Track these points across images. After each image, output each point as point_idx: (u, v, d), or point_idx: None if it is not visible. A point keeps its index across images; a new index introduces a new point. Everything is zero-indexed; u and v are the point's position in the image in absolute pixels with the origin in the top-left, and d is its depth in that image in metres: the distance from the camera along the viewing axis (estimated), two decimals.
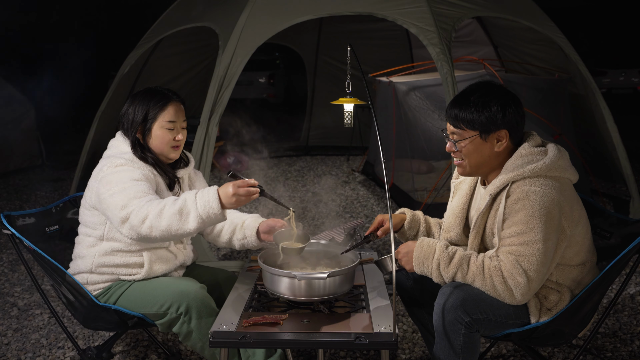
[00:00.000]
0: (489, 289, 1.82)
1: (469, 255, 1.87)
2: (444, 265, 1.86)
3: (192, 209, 1.89)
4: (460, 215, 2.11)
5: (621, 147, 4.59)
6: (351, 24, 7.58)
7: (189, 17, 5.04)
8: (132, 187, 1.98)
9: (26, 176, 7.13)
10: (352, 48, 2.11)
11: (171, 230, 1.90)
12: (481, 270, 1.83)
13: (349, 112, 2.33)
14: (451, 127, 1.95)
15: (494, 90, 1.90)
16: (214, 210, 1.88)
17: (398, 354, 2.73)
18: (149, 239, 1.94)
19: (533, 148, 1.88)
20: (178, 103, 2.21)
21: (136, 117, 2.16)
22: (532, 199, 1.78)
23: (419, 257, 1.90)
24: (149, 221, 1.90)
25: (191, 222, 1.89)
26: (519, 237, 1.80)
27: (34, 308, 3.36)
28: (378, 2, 4.13)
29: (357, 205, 5.59)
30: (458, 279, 1.86)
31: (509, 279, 1.80)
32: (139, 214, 1.91)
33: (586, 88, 4.85)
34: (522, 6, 4.90)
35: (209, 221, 1.91)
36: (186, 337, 2.08)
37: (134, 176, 2.03)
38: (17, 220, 2.25)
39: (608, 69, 14.95)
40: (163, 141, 2.17)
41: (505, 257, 1.82)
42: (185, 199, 1.91)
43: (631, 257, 1.88)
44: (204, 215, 1.89)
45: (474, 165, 1.94)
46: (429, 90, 5.00)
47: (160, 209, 1.89)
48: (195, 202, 1.89)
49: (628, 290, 3.46)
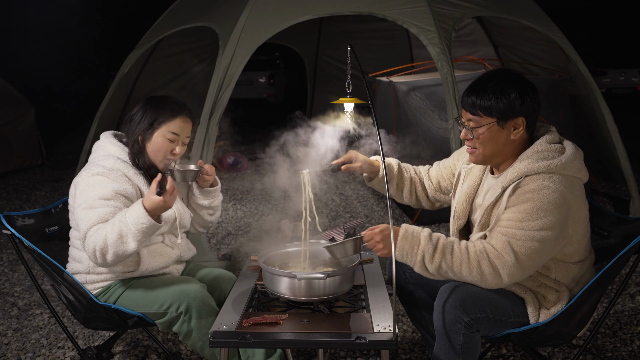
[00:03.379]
0: (476, 274, 1.79)
1: (452, 243, 1.83)
2: (429, 256, 1.81)
3: (127, 231, 1.92)
4: (469, 202, 2.08)
5: (621, 147, 4.59)
6: (351, 24, 7.59)
7: (189, 17, 5.04)
8: (98, 209, 2.00)
9: (26, 176, 7.13)
10: (352, 48, 2.11)
11: (119, 255, 1.96)
12: (466, 255, 1.80)
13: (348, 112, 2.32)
14: (468, 114, 1.91)
15: (512, 78, 1.87)
16: (145, 223, 1.92)
17: (398, 354, 2.73)
18: (105, 265, 2.01)
19: (550, 144, 1.86)
20: (187, 118, 2.20)
21: (144, 120, 2.15)
22: (543, 193, 1.76)
23: (403, 248, 1.84)
24: (99, 252, 1.95)
25: (131, 243, 1.94)
26: (518, 223, 1.78)
27: (34, 308, 3.36)
28: (378, 2, 4.13)
29: (357, 205, 5.59)
30: (444, 268, 1.81)
31: (495, 259, 1.77)
32: (90, 246, 1.96)
33: (586, 88, 4.85)
34: (522, 6, 4.90)
35: (146, 234, 1.95)
36: (186, 336, 2.08)
37: (105, 194, 2.03)
38: (16, 221, 2.25)
39: (608, 69, 14.97)
40: (160, 150, 2.16)
41: (495, 237, 1.80)
42: (119, 224, 1.93)
43: (630, 256, 1.88)
44: (136, 232, 1.92)
45: (488, 154, 1.92)
46: (429, 90, 5.00)
47: (104, 240, 1.93)
48: (127, 223, 1.92)
49: (628, 290, 3.46)
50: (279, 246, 2.18)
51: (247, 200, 5.84)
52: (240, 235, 4.70)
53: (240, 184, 6.57)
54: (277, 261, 2.13)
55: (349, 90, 2.26)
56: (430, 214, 4.85)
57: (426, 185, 2.32)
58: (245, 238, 4.61)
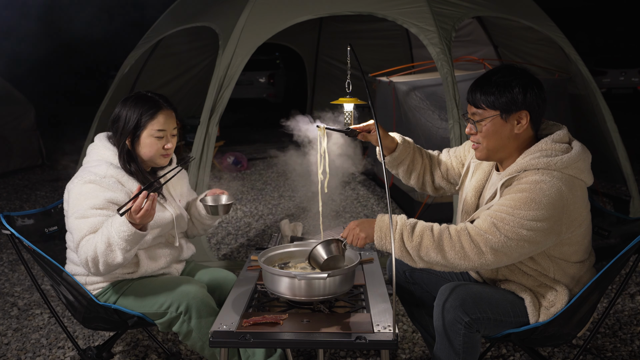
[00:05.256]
0: (458, 251, 1.75)
1: (431, 224, 1.82)
2: (407, 234, 1.78)
3: (113, 241, 1.92)
4: (478, 197, 2.06)
5: (621, 147, 4.59)
6: (351, 24, 7.59)
7: (189, 17, 5.05)
8: (90, 219, 2.00)
9: (26, 176, 7.14)
10: (352, 48, 2.11)
11: (110, 265, 1.96)
12: (447, 233, 1.77)
13: (349, 112, 2.32)
14: (472, 108, 1.92)
15: (516, 72, 1.88)
16: (127, 231, 1.90)
17: (398, 354, 2.73)
18: (98, 275, 2.02)
19: (555, 144, 1.85)
20: (169, 110, 2.17)
21: (128, 124, 2.12)
22: (540, 186, 1.75)
23: (381, 230, 1.81)
24: (91, 262, 1.96)
25: (118, 253, 1.94)
26: (508, 209, 1.75)
27: (34, 308, 3.36)
28: (378, 2, 4.13)
29: (357, 205, 5.59)
30: (424, 247, 1.76)
31: (476, 236, 1.75)
32: (81, 256, 1.97)
33: (586, 88, 4.85)
34: (522, 6, 4.90)
35: (131, 242, 1.93)
36: (186, 336, 2.08)
37: (97, 203, 2.02)
38: (16, 221, 2.25)
39: (608, 69, 14.97)
40: (152, 149, 2.14)
41: (482, 219, 1.78)
42: (107, 234, 1.92)
43: (630, 256, 1.88)
44: (120, 241, 1.91)
45: (492, 148, 1.91)
46: (429, 90, 5.00)
47: (94, 250, 1.94)
48: (112, 234, 1.91)
49: (628, 290, 3.46)
50: (279, 246, 2.18)
51: (247, 200, 5.84)
52: (240, 235, 4.70)
53: (240, 184, 6.57)
54: (277, 261, 2.13)
55: (349, 90, 2.26)
56: (430, 214, 4.85)
57: (434, 172, 2.31)
58: (245, 238, 4.61)
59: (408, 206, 5.13)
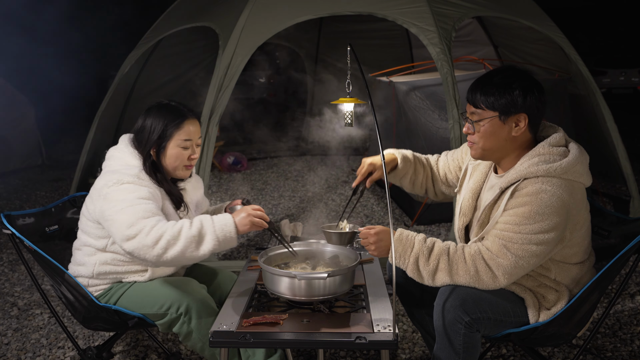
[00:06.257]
0: (473, 275, 1.80)
1: (447, 245, 1.85)
2: (424, 259, 1.83)
3: (208, 231, 1.89)
4: (475, 198, 2.07)
5: (621, 147, 4.59)
6: (351, 24, 7.58)
7: (189, 17, 5.04)
8: (140, 206, 1.94)
9: (26, 176, 7.13)
10: (352, 48, 2.11)
11: (185, 253, 1.88)
12: (462, 257, 1.81)
13: (349, 112, 2.32)
14: (471, 107, 1.92)
15: (518, 74, 1.88)
16: (231, 233, 1.90)
17: (398, 354, 2.73)
18: (158, 261, 1.89)
19: (552, 147, 1.85)
20: (194, 119, 2.16)
21: (153, 134, 2.10)
22: (541, 197, 1.76)
23: (396, 250, 1.85)
24: (164, 242, 1.87)
25: (207, 244, 1.89)
26: (514, 226, 1.78)
27: (34, 308, 3.36)
28: (378, 2, 4.13)
29: (357, 205, 5.58)
30: (440, 271, 1.82)
31: (490, 260, 1.79)
32: (150, 234, 1.88)
33: (586, 88, 4.85)
34: (522, 6, 4.90)
35: (224, 243, 1.91)
36: (186, 337, 2.08)
37: (141, 194, 1.98)
38: (17, 220, 2.25)
39: (608, 69, 14.95)
40: (177, 160, 2.12)
41: (491, 241, 1.81)
42: (201, 222, 1.91)
43: (630, 256, 1.88)
44: (220, 236, 1.90)
45: (487, 148, 1.91)
46: (429, 90, 5.00)
47: (178, 231, 1.88)
48: (212, 225, 1.90)
49: (628, 290, 3.46)
50: (279, 246, 2.18)
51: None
52: (240, 235, 4.69)
53: (240, 184, 6.57)
54: (277, 261, 2.13)
55: (349, 91, 2.26)
56: (431, 214, 4.85)
57: (435, 179, 2.34)
58: (245, 238, 4.61)
59: (408, 206, 5.13)
